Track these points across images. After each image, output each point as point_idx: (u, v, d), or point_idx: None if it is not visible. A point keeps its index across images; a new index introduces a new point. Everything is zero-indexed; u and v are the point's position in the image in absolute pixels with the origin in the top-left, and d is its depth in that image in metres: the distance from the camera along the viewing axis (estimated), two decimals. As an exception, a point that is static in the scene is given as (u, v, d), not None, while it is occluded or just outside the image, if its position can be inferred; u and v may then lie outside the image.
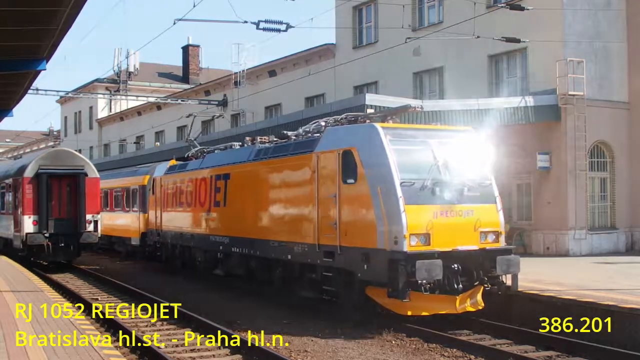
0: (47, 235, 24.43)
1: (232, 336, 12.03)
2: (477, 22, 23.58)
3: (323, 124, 15.72)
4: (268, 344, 11.89)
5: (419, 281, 11.81)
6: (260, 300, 17.14)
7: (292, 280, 15.85)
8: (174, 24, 21.27)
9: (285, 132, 17.37)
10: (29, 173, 24.78)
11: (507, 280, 13.18)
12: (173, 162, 24.21)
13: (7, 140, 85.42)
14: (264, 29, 20.71)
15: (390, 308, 12.93)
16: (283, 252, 15.69)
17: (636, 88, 25.23)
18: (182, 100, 43.73)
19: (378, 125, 13.41)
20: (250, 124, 34.05)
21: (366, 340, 12.32)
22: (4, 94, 18.38)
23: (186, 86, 54.84)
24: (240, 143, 20.43)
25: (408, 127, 14.56)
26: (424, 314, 12.64)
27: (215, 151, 21.45)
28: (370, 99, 22.55)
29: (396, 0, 28.23)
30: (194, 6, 20.32)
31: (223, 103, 42.73)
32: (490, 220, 13.19)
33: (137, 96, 48.99)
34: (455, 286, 12.45)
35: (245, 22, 20.80)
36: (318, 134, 15.42)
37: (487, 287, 12.97)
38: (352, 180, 13.25)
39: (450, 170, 13.07)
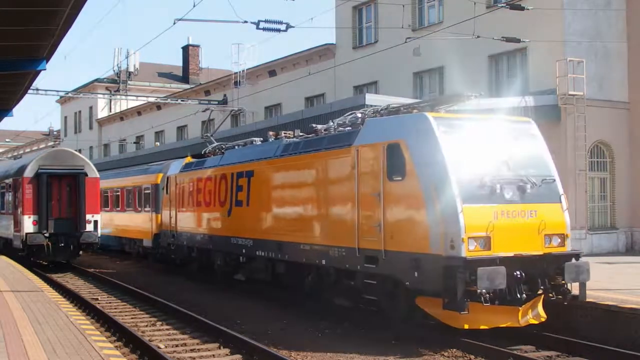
0: (47, 235, 24.43)
1: (232, 336, 12.04)
2: (477, 22, 23.57)
3: (359, 115, 14.55)
4: (268, 344, 11.89)
5: (479, 291, 10.64)
6: (261, 300, 17.12)
7: (326, 287, 14.64)
8: (174, 24, 21.27)
9: (314, 125, 16.34)
10: (28, 173, 24.78)
11: (573, 288, 11.89)
12: (189, 159, 23.17)
13: (7, 140, 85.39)
14: (264, 29, 20.70)
15: (444, 321, 11.64)
16: (316, 257, 14.38)
17: (636, 88, 25.22)
18: (182, 100, 43.72)
19: (429, 115, 12.06)
20: (250, 124, 34.06)
21: (366, 340, 12.31)
22: (4, 94, 18.38)
23: (186, 86, 54.86)
24: (261, 139, 19.32)
25: (462, 116, 12.82)
26: (482, 327, 11.40)
27: (236, 147, 20.15)
28: (370, 99, 22.59)
29: (396, 0, 28.23)
30: (194, 6, 20.33)
31: (223, 103, 42.72)
32: (556, 222, 11.91)
33: (137, 96, 48.99)
34: (518, 296, 11.21)
35: (245, 22, 20.80)
36: (350, 127, 14.41)
37: (552, 297, 11.79)
38: (399, 177, 11.97)
39: (510, 165, 11.84)
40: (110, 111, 59.27)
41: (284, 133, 17.52)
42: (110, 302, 17.36)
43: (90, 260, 28.29)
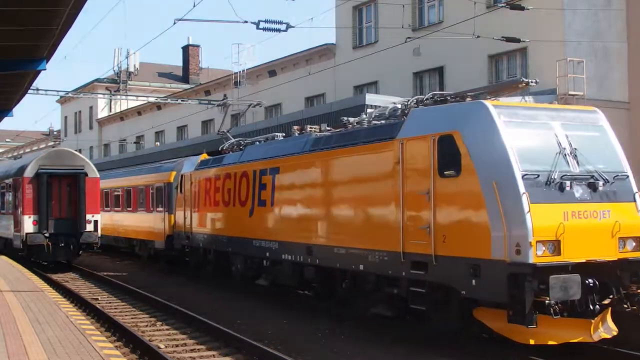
0: (47, 235, 24.43)
1: (233, 336, 12.04)
2: (477, 22, 23.57)
3: (399, 106, 13.39)
4: (268, 344, 11.89)
5: (550, 302, 9.57)
6: (261, 300, 17.12)
7: (363, 294, 13.49)
8: (174, 24, 21.23)
9: (344, 118, 15.23)
10: (29, 173, 24.79)
11: None
12: (205, 156, 22.12)
13: (7, 140, 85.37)
14: (264, 29, 20.67)
15: (507, 335, 10.50)
16: (352, 262, 13.13)
17: (636, 88, 25.22)
18: (182, 100, 43.58)
19: (488, 103, 10.89)
20: (250, 124, 34.04)
21: (366, 340, 12.31)
22: (4, 94, 18.37)
23: (186, 86, 54.87)
24: (283, 134, 18.38)
25: (524, 105, 11.51)
26: (550, 343, 10.22)
27: (256, 143, 18.88)
28: (370, 99, 22.60)
29: (396, 0, 28.23)
30: (194, 6, 20.28)
31: (223, 103, 42.67)
32: (631, 223, 10.64)
33: (137, 96, 48.97)
34: (591, 307, 10.07)
35: (245, 22, 20.77)
36: (388, 119, 13.34)
37: (627, 307, 10.54)
38: (453, 173, 10.79)
39: (579, 160, 10.67)
40: (110, 111, 59.27)
41: (310, 127, 16.41)
42: (110, 302, 17.36)
43: (91, 261, 28.30)
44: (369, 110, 16.20)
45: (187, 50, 60.38)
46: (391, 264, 12.02)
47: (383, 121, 13.53)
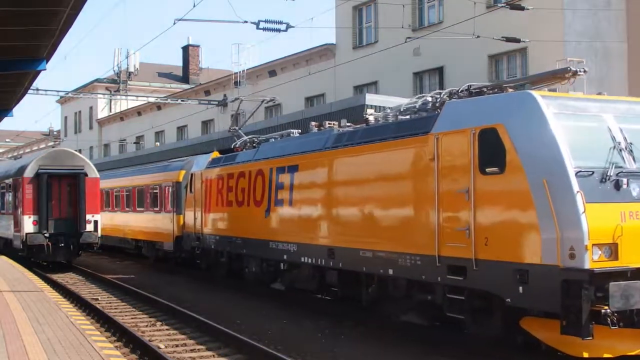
0: (47, 235, 24.44)
1: (232, 336, 12.04)
2: (477, 22, 23.57)
3: (430, 99, 12.60)
4: (268, 344, 11.89)
5: (607, 311, 8.80)
6: (260, 300, 17.12)
7: (391, 301, 12.67)
8: (174, 24, 21.26)
9: (368, 113, 14.40)
10: (29, 173, 24.80)
11: None
12: (216, 154, 21.39)
13: (7, 140, 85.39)
14: (264, 29, 20.70)
15: (558, 347, 9.71)
16: (380, 265, 12.28)
17: (636, 88, 25.20)
18: (182, 100, 43.65)
19: (536, 93, 10.04)
20: (250, 124, 34.04)
21: (366, 341, 12.30)
22: (4, 94, 18.38)
23: (186, 86, 54.88)
24: (299, 130, 17.75)
25: (572, 96, 10.59)
26: (605, 356, 9.36)
27: (271, 140, 18.18)
28: (370, 99, 22.58)
29: (396, 0, 28.23)
30: (194, 6, 20.30)
31: (223, 103, 42.70)
32: None
33: (137, 96, 48.96)
34: None
35: (245, 22, 20.80)
36: (418, 112, 12.52)
37: None
38: (496, 170, 9.96)
39: (635, 155, 9.82)
40: (110, 111, 59.28)
41: (329, 123, 15.66)
42: (110, 302, 17.36)
43: (91, 261, 28.31)
44: (397, 103, 15.19)
45: (187, 50, 60.38)
46: (425, 269, 11.16)
47: (410, 116, 12.63)
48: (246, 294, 18.17)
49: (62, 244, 24.73)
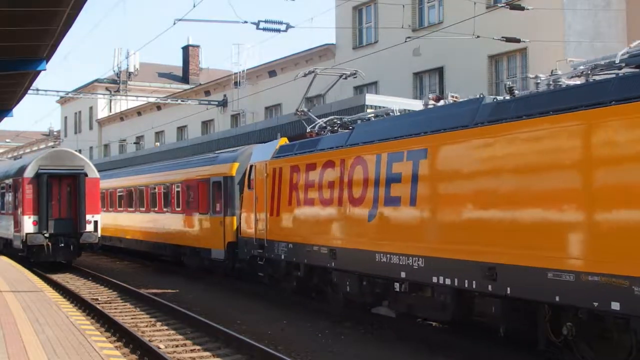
0: (47, 235, 24.42)
1: (233, 336, 12.04)
2: (477, 22, 23.57)
3: None
4: (268, 344, 11.89)
5: None
6: (260, 301, 17.12)
7: (606, 347, 8.81)
8: (174, 24, 21.27)
9: (535, 75, 10.57)
10: (29, 173, 24.79)
11: None
12: (284, 140, 17.19)
13: (7, 140, 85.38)
14: (264, 29, 20.73)
15: None
16: (590, 295, 8.25)
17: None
18: (182, 101, 43.74)
19: None
20: (250, 124, 34.07)
21: (366, 341, 12.30)
22: (4, 94, 18.39)
23: (186, 86, 54.88)
24: (399, 109, 14.33)
25: None
26: None
27: (371, 119, 14.66)
28: (370, 99, 22.59)
29: (396, 0, 28.24)
30: (194, 6, 20.30)
31: (223, 103, 42.74)
32: None
33: (137, 96, 49.00)
34: None
35: (245, 22, 20.83)
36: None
37: None
38: None
39: None
40: (110, 111, 59.28)
41: (452, 95, 12.40)
42: (110, 302, 17.36)
43: (91, 261, 28.30)
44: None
45: (187, 51, 60.37)
46: None
47: (620, 71, 9.19)
48: (245, 294, 18.16)
49: (62, 244, 24.72)
